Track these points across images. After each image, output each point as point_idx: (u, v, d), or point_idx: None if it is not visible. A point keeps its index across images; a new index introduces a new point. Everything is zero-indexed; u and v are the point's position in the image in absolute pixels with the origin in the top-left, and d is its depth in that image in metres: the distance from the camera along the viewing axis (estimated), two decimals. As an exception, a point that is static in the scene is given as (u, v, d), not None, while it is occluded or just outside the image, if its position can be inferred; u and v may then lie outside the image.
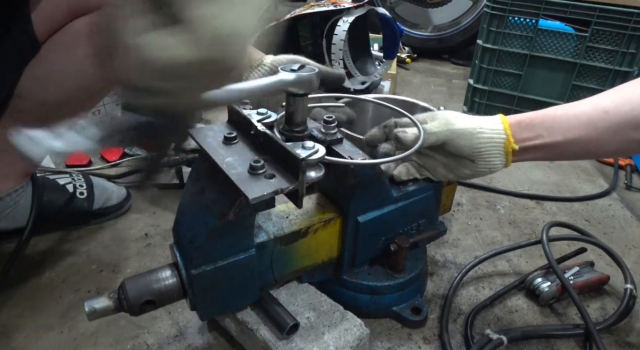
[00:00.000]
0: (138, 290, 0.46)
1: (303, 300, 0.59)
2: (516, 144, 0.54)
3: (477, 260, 0.75)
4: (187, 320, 0.63)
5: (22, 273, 0.70)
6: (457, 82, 1.82)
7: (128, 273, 0.71)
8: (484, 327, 0.65)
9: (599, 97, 0.54)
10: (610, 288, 0.74)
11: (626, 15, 1.15)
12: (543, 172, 1.12)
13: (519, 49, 1.32)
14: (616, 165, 1.13)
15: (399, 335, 0.63)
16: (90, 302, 0.45)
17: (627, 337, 0.65)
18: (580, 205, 0.99)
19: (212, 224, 0.44)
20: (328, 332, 0.55)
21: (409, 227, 0.66)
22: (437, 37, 2.05)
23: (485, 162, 0.56)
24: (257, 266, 0.52)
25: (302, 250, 0.57)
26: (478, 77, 1.40)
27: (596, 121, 0.52)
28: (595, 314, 0.69)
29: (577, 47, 1.26)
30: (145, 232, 0.81)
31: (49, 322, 0.62)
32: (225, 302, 0.52)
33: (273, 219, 0.55)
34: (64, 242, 0.78)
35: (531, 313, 0.69)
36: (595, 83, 1.27)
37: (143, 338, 0.61)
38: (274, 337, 0.53)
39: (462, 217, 0.92)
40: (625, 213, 0.97)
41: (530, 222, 0.91)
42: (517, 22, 1.30)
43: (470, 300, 0.70)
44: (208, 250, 0.46)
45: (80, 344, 0.60)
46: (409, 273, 0.65)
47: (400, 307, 0.64)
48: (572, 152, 0.55)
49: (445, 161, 0.59)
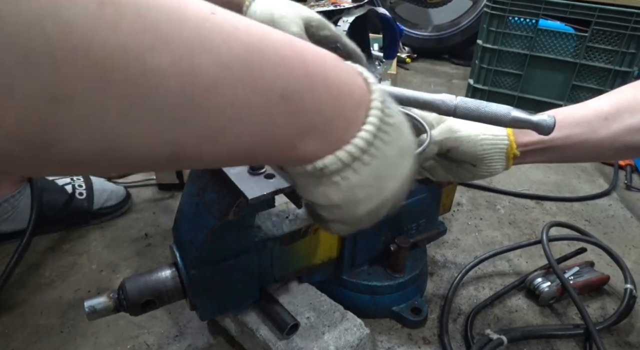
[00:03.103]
0: (138, 290, 0.46)
1: (303, 300, 0.59)
2: (518, 148, 0.55)
3: (477, 260, 0.75)
4: (187, 320, 0.63)
5: (22, 273, 0.70)
6: (457, 82, 1.82)
7: (128, 273, 0.71)
8: (484, 327, 0.65)
9: (599, 101, 0.54)
10: (610, 288, 0.74)
11: (626, 15, 1.15)
12: (543, 172, 1.13)
13: (519, 49, 1.32)
14: (616, 165, 1.13)
15: (399, 335, 0.63)
16: (90, 302, 0.45)
17: (627, 337, 0.65)
18: (580, 205, 0.99)
19: (212, 224, 0.44)
20: (328, 332, 0.55)
21: (409, 227, 0.66)
22: (437, 37, 2.05)
23: (487, 166, 0.56)
24: (257, 266, 0.52)
25: (302, 250, 0.57)
26: (478, 77, 1.40)
27: (596, 127, 0.52)
28: (595, 314, 0.69)
29: (577, 47, 1.26)
30: (145, 232, 0.81)
31: (49, 322, 0.62)
32: (225, 302, 0.52)
33: (273, 219, 0.55)
34: (64, 242, 0.78)
35: (531, 313, 0.69)
36: (595, 83, 1.27)
37: (143, 338, 0.61)
38: (274, 337, 0.53)
39: (462, 217, 0.92)
40: (625, 213, 0.97)
41: (530, 222, 0.91)
42: (517, 22, 1.30)
43: (470, 300, 0.70)
44: (208, 250, 0.46)
45: (80, 344, 0.60)
46: (409, 273, 0.65)
47: (400, 307, 0.64)
48: (571, 156, 0.55)
49: (445, 164, 0.59)
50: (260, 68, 0.22)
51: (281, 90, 0.23)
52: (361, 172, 0.30)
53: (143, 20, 0.18)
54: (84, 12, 0.16)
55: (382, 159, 0.31)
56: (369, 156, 0.30)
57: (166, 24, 0.19)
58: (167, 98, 0.19)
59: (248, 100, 0.22)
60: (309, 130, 0.27)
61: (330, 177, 0.29)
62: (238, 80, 0.21)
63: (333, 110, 0.27)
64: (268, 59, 0.23)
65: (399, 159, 0.32)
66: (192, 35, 0.20)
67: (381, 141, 0.30)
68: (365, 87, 0.30)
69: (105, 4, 0.17)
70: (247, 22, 0.23)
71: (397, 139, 0.32)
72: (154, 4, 0.19)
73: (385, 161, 0.31)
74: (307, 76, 0.25)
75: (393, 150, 0.31)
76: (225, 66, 0.21)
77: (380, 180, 0.32)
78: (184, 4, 0.20)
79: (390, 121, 0.31)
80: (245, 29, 0.22)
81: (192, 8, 0.20)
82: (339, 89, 0.27)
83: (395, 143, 0.31)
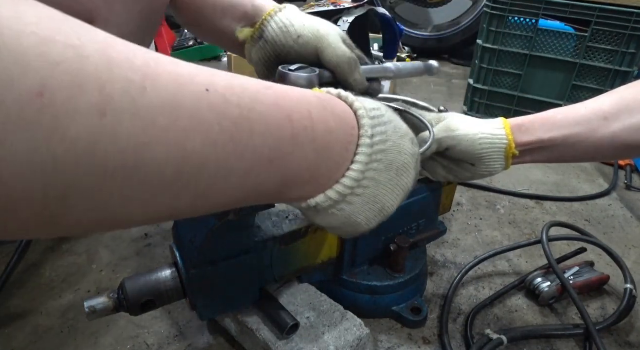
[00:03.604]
0: (138, 290, 0.46)
1: (303, 300, 0.59)
2: (517, 148, 0.55)
3: (477, 260, 0.75)
4: (187, 320, 0.63)
5: (22, 273, 0.70)
6: (457, 82, 1.82)
7: (128, 273, 0.71)
8: (484, 327, 0.65)
9: (599, 102, 0.54)
10: (610, 288, 0.74)
11: (626, 15, 1.15)
12: (543, 172, 1.13)
13: (519, 49, 1.32)
14: (616, 165, 1.13)
15: (399, 335, 0.63)
16: (90, 302, 0.45)
17: (627, 337, 0.65)
18: (580, 205, 0.99)
19: (212, 224, 0.44)
20: (328, 332, 0.55)
21: (409, 227, 0.66)
22: (437, 37, 2.05)
23: (486, 166, 0.56)
24: (257, 266, 0.52)
25: (302, 250, 0.57)
26: (478, 77, 1.40)
27: (596, 126, 0.52)
28: (595, 314, 0.69)
29: (577, 47, 1.26)
30: (145, 232, 0.81)
31: (49, 322, 0.62)
32: (225, 302, 0.52)
33: (273, 219, 0.55)
34: (64, 242, 0.78)
35: (531, 313, 0.69)
36: (595, 83, 1.27)
37: (143, 338, 0.61)
38: (274, 337, 0.53)
39: (462, 217, 0.92)
40: (625, 213, 0.97)
41: (530, 222, 0.91)
42: (517, 22, 1.30)
43: (470, 300, 0.70)
44: (208, 250, 0.46)
45: (80, 344, 0.60)
46: (409, 273, 0.65)
47: (400, 307, 0.64)
48: (571, 156, 0.56)
49: (445, 163, 0.59)
50: (249, 138, 0.24)
51: (268, 154, 0.25)
52: (356, 203, 0.31)
53: (140, 120, 0.19)
54: (87, 126, 0.17)
55: (375, 187, 0.32)
56: (362, 188, 0.31)
57: (162, 118, 0.20)
58: (162, 181, 0.21)
59: (237, 167, 0.24)
60: (295, 181, 0.28)
61: (327, 210, 0.31)
62: (228, 154, 0.23)
63: (319, 162, 0.28)
64: (256, 129, 0.24)
65: (397, 178, 0.33)
66: (186, 122, 0.21)
67: (374, 171, 0.31)
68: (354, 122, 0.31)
69: (105, 114, 0.18)
70: (240, 91, 0.24)
71: (393, 162, 0.33)
72: (152, 98, 0.19)
73: (380, 187, 0.32)
74: (293, 138, 0.26)
75: (389, 175, 0.33)
76: (216, 143, 0.22)
77: (378, 203, 0.33)
78: (181, 86, 0.21)
79: (383, 148, 0.32)
80: (236, 100, 0.23)
81: (188, 90, 0.21)
82: (325, 139, 0.28)
83: (391, 166, 0.32)
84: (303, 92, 0.29)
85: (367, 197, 0.32)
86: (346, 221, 0.32)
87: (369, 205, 0.32)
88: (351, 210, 0.31)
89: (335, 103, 0.31)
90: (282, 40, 0.56)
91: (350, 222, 0.32)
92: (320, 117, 0.28)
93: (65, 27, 0.17)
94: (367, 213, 0.33)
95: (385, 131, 0.32)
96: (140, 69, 0.19)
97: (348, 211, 0.31)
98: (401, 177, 0.34)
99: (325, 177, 0.30)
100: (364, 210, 0.32)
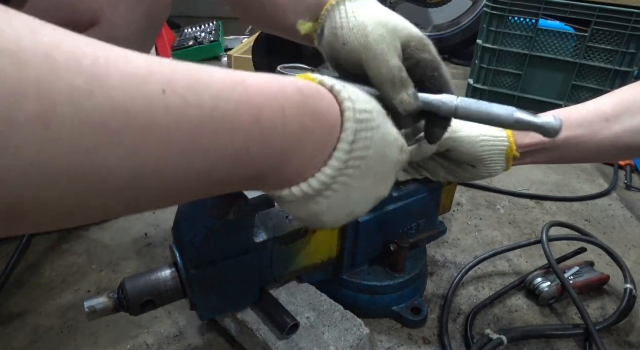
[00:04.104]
0: (138, 290, 0.46)
1: (303, 300, 0.59)
2: (518, 150, 0.55)
3: (477, 260, 0.75)
4: (187, 320, 0.63)
5: (22, 273, 0.70)
6: (457, 82, 1.82)
7: (128, 273, 0.71)
8: (484, 327, 0.65)
9: (600, 102, 0.54)
10: (610, 288, 0.74)
11: (626, 15, 1.15)
12: (543, 172, 1.12)
13: (519, 49, 1.32)
14: (616, 165, 1.13)
15: (399, 335, 0.63)
16: (90, 302, 0.45)
17: (627, 337, 0.65)
18: (580, 205, 0.99)
19: (212, 224, 0.44)
20: (328, 332, 0.55)
21: (409, 227, 0.66)
22: (437, 37, 2.05)
23: (487, 167, 0.56)
24: (257, 266, 0.52)
25: (302, 250, 0.57)
26: (478, 77, 1.40)
27: (597, 128, 0.52)
28: (595, 314, 0.69)
29: (577, 47, 1.26)
30: (145, 232, 0.81)
31: (49, 322, 0.62)
32: (225, 302, 0.52)
33: (273, 219, 0.55)
34: (64, 242, 0.78)
35: (531, 313, 0.69)
36: (595, 83, 1.27)
37: (143, 338, 0.61)
38: (274, 337, 0.53)
39: (462, 217, 0.92)
40: (625, 213, 0.97)
41: (530, 222, 0.91)
42: (517, 22, 1.30)
43: (470, 300, 0.70)
44: (208, 250, 0.46)
45: (80, 344, 0.60)
46: (409, 273, 0.64)
47: (400, 307, 0.64)
48: (572, 157, 0.56)
49: (446, 164, 0.59)
50: (212, 139, 0.23)
51: (232, 154, 0.24)
52: (323, 204, 0.31)
53: (88, 126, 0.18)
54: (31, 135, 0.17)
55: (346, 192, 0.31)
56: (332, 191, 0.30)
57: (113, 123, 0.19)
58: (117, 184, 0.21)
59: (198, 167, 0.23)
60: (260, 178, 0.28)
61: (291, 204, 0.31)
62: (188, 154, 0.22)
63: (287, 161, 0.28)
64: (219, 129, 0.23)
65: (372, 187, 0.32)
66: (140, 126, 0.20)
67: (347, 177, 0.30)
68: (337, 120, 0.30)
69: (49, 123, 0.17)
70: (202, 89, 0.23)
71: (372, 170, 0.31)
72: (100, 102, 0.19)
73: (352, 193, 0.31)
74: (261, 137, 0.25)
75: (365, 182, 0.31)
76: (174, 145, 0.22)
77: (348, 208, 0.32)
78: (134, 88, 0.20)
79: (363, 154, 0.30)
80: (196, 100, 0.22)
81: (141, 92, 0.20)
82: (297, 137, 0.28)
83: (369, 174, 0.31)
84: (285, 84, 0.27)
85: (336, 201, 0.31)
86: (312, 218, 0.32)
87: (336, 209, 0.31)
88: (317, 209, 0.31)
89: (321, 97, 0.29)
90: (332, 43, 0.46)
91: (316, 220, 0.32)
92: (295, 115, 0.27)
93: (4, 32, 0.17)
94: (334, 216, 0.32)
95: (371, 137, 0.30)
96: (88, 71, 0.18)
97: (314, 210, 0.31)
98: (378, 186, 0.33)
99: (294, 174, 0.29)
100: (331, 213, 0.31)
